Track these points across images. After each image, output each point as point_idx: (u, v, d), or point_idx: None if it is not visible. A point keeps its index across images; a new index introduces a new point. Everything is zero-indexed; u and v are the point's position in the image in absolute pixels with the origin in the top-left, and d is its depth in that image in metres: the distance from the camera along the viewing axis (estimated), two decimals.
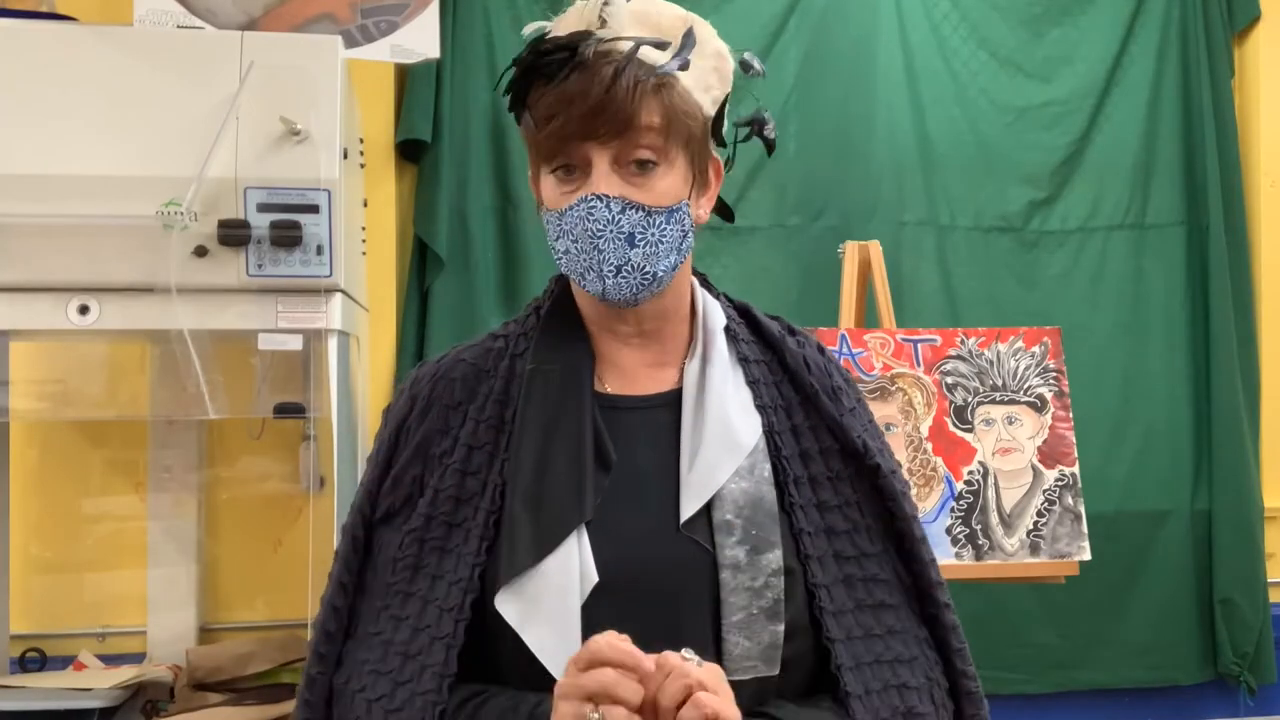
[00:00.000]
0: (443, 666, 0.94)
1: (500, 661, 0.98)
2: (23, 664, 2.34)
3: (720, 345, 1.06)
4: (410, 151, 2.75)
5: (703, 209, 1.06)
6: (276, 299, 1.92)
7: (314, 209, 1.90)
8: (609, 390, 1.05)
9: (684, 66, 0.99)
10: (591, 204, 0.96)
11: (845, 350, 2.34)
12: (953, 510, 2.27)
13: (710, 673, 0.87)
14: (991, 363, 2.37)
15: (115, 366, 2.45)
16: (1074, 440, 2.35)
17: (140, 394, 2.42)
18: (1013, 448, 2.33)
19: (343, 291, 1.98)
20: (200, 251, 1.86)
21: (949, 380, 2.35)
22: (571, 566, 0.94)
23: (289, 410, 2.09)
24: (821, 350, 1.12)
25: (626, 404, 1.04)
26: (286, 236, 1.87)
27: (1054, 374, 2.38)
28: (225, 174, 1.87)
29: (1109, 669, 2.97)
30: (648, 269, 0.99)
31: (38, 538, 2.46)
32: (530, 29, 1.03)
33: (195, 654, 2.22)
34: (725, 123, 1.07)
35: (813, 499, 1.02)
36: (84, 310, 1.88)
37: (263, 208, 1.88)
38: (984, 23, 3.03)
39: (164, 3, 2.19)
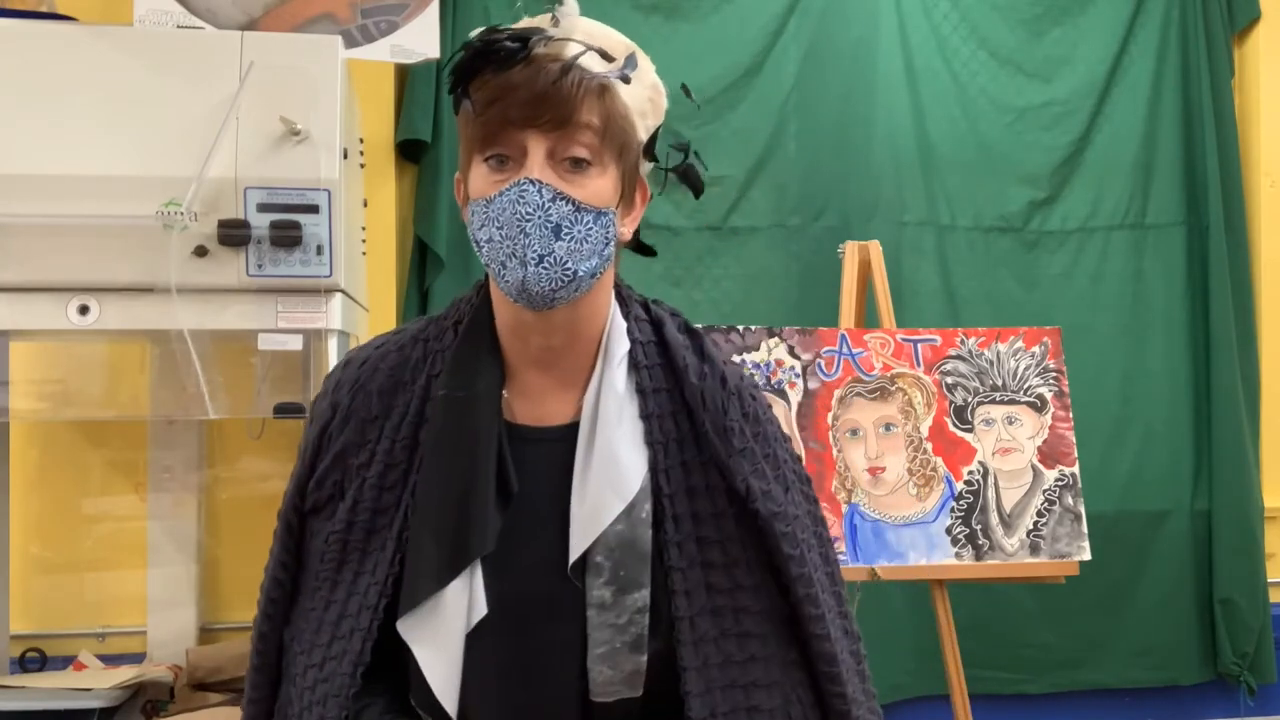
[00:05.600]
0: (358, 656, 1.03)
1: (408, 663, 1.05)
2: (23, 664, 2.34)
3: (618, 377, 1.07)
4: (410, 151, 2.75)
5: (626, 227, 1.07)
6: (276, 299, 1.92)
7: (314, 209, 1.90)
8: (516, 419, 1.07)
9: (625, 80, 1.02)
10: (524, 187, 0.96)
11: (845, 350, 2.34)
12: (953, 510, 2.27)
13: None
14: (991, 363, 2.37)
15: (115, 366, 2.45)
16: (1074, 440, 2.35)
17: (140, 394, 2.42)
18: (1013, 448, 2.33)
19: (343, 291, 1.98)
20: (200, 251, 1.86)
21: (949, 380, 2.35)
22: (463, 597, 1.01)
23: (289, 410, 2.09)
24: (724, 382, 1.10)
25: (531, 435, 1.07)
26: (286, 236, 1.87)
27: (1054, 374, 2.38)
28: (225, 174, 1.87)
29: (1109, 669, 2.98)
30: (569, 264, 0.99)
31: (38, 538, 2.46)
32: (478, 32, 1.04)
33: (195, 654, 2.22)
34: (655, 151, 1.10)
35: (692, 533, 1.05)
36: (84, 310, 1.88)
37: (263, 208, 1.88)
38: (984, 23, 3.04)
39: (164, 3, 2.20)
